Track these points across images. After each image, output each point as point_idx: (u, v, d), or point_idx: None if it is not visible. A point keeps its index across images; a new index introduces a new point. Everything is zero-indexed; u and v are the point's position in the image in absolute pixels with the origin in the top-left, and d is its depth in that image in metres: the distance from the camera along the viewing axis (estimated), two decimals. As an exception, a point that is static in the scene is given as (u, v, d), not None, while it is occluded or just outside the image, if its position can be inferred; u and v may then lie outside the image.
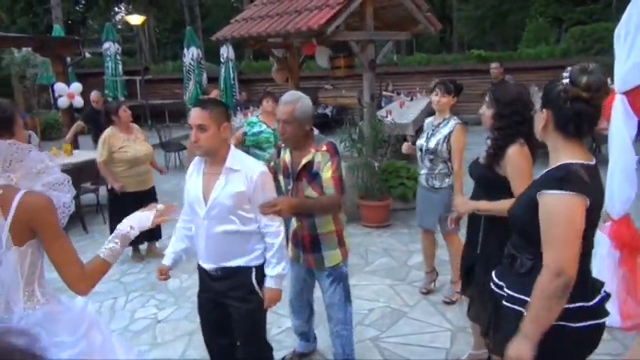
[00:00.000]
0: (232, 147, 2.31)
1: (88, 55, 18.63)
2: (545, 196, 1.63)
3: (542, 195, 1.64)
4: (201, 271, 2.47)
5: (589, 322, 1.67)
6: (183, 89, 14.49)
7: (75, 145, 8.44)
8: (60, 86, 9.01)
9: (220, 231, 2.27)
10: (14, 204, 1.59)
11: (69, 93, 9.05)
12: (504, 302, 1.83)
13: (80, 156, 6.84)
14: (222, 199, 2.23)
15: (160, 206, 1.94)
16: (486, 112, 2.59)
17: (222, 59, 14.05)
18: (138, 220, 1.86)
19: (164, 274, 2.50)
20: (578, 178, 1.60)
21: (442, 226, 3.86)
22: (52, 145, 8.38)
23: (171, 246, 2.56)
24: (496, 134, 2.51)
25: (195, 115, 2.16)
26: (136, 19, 14.09)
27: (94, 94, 7.50)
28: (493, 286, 1.95)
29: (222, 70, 14.07)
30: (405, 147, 4.06)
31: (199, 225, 2.33)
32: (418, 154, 3.88)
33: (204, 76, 14.34)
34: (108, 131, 4.81)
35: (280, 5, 5.79)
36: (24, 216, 1.60)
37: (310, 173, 2.58)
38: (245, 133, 4.87)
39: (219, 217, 2.26)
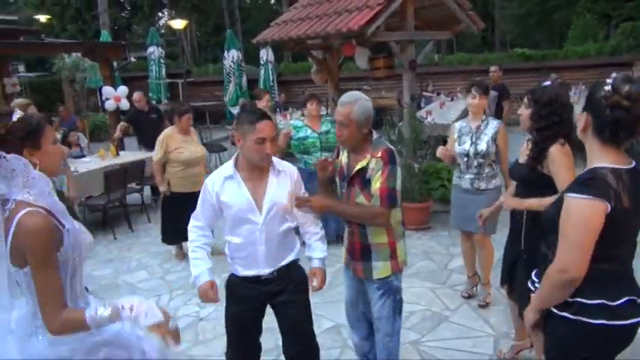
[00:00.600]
0: None
1: (133, 59, 19.29)
2: (567, 199, 1.70)
3: (565, 197, 1.71)
4: (246, 280, 2.41)
5: (609, 322, 1.71)
6: (223, 91, 14.77)
7: (121, 146, 8.74)
8: (107, 90, 9.34)
9: (279, 232, 2.39)
10: (14, 223, 1.53)
11: (115, 96, 9.36)
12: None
13: (125, 157, 7.06)
14: (279, 200, 2.33)
15: (173, 325, 1.69)
16: (524, 113, 2.63)
17: (261, 61, 14.25)
18: (144, 309, 1.60)
19: (213, 290, 2.36)
20: (602, 183, 1.65)
21: (488, 229, 3.76)
22: (100, 146, 8.70)
23: (204, 263, 2.41)
24: (535, 135, 2.58)
25: (268, 127, 2.25)
26: (178, 24, 14.47)
27: (136, 95, 7.74)
28: (530, 285, 2.03)
29: (262, 72, 14.27)
30: (441, 151, 3.95)
31: (253, 232, 2.33)
32: (464, 159, 3.75)
33: (244, 78, 14.58)
34: (167, 131, 4.89)
35: (320, 7, 5.82)
36: (18, 235, 1.53)
37: (363, 180, 2.41)
38: (290, 138, 4.93)
39: (277, 219, 2.36)
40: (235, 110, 12.33)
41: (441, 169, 6.23)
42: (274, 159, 2.39)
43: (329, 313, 3.84)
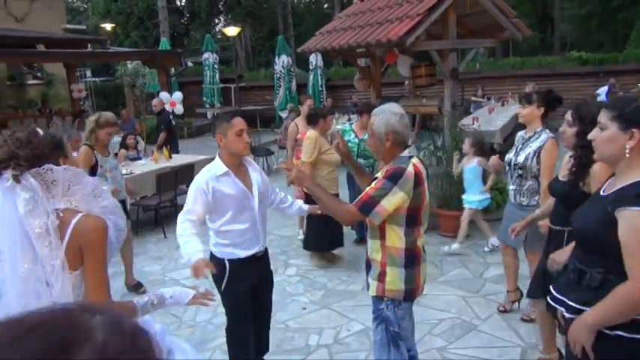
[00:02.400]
0: None
1: (190, 64, 20.10)
2: (628, 213, 1.64)
3: (624, 211, 1.65)
4: (247, 260, 2.79)
5: None
6: (273, 95, 15.16)
7: (175, 149, 9.21)
8: (164, 95, 9.87)
9: (264, 213, 2.89)
10: (71, 227, 1.60)
11: (171, 101, 9.88)
12: (568, 314, 1.84)
13: (177, 160, 7.46)
14: (261, 186, 2.83)
15: (202, 289, 1.93)
16: (568, 130, 2.61)
17: (311, 66, 14.52)
18: (179, 294, 1.85)
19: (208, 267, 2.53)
20: None
21: (527, 244, 3.66)
22: (154, 148, 9.19)
23: (198, 245, 2.57)
24: (580, 152, 2.53)
25: (242, 121, 2.71)
26: (232, 31, 14.99)
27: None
28: (550, 300, 1.97)
29: (311, 77, 14.55)
30: (493, 161, 3.95)
31: (253, 216, 2.77)
32: (506, 168, 3.75)
33: (294, 83, 14.92)
34: (315, 133, 4.85)
35: (362, 17, 5.95)
36: (78, 238, 1.60)
37: None
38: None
39: (262, 203, 2.85)
40: (284, 114, 12.63)
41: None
42: (247, 158, 2.86)
43: (360, 317, 3.95)
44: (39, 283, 1.64)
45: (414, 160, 2.34)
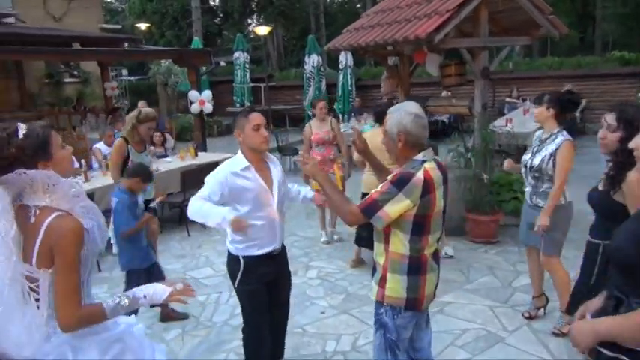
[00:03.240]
0: None
1: (222, 63, 20.27)
2: None
3: None
4: (263, 258, 2.78)
5: None
6: (303, 95, 15.10)
7: (202, 147, 9.25)
8: (193, 93, 9.91)
9: (283, 211, 2.89)
10: (44, 226, 1.62)
11: (200, 100, 9.91)
12: (601, 348, 1.64)
13: (203, 158, 7.47)
14: (281, 184, 2.82)
15: (179, 285, 1.86)
16: (609, 136, 2.44)
17: (340, 66, 14.39)
18: (153, 292, 1.80)
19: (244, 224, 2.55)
20: None
21: (546, 249, 3.53)
22: (184, 146, 9.25)
23: (219, 207, 2.59)
24: (620, 157, 2.36)
25: (259, 116, 2.75)
26: (262, 30, 15.01)
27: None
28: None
29: (341, 76, 14.40)
30: (507, 165, 3.82)
31: (268, 214, 2.75)
32: (522, 170, 3.64)
33: (324, 82, 14.80)
34: (376, 131, 4.65)
35: (390, 14, 5.78)
36: (49, 239, 1.61)
37: None
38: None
39: (281, 201, 2.84)
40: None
41: (513, 180, 5.93)
42: (269, 155, 2.86)
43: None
44: (15, 277, 1.63)
45: (428, 164, 2.18)
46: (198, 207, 2.61)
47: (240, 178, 2.68)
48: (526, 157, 3.60)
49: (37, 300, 1.68)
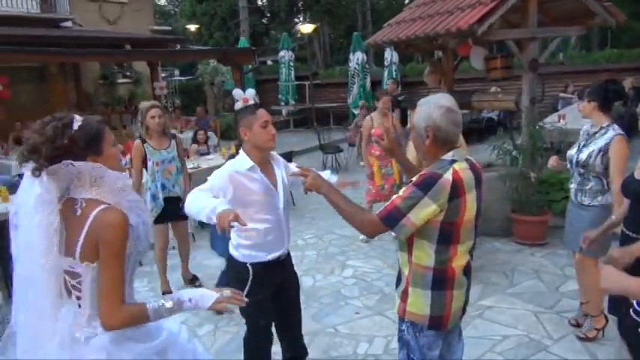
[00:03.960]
0: None
1: (269, 62, 20.48)
2: None
3: None
4: (271, 264, 2.62)
5: None
6: (347, 93, 15.00)
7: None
8: (237, 92, 10.01)
9: (288, 212, 2.71)
10: (90, 219, 1.59)
11: (244, 98, 9.99)
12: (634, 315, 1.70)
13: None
14: (286, 185, 2.66)
15: (226, 292, 1.79)
16: None
17: (386, 63, 14.19)
18: (200, 296, 1.74)
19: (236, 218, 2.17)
20: None
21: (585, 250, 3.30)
22: (228, 144, 9.37)
23: (214, 200, 2.33)
24: None
25: (266, 113, 2.57)
26: (307, 28, 15.01)
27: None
28: (633, 314, 1.81)
29: (386, 73, 14.20)
30: (552, 162, 3.56)
31: (279, 215, 2.61)
32: (568, 165, 3.42)
33: (368, 79, 14.66)
34: None
35: (433, 6, 5.59)
36: (95, 231, 1.59)
37: None
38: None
39: (287, 202, 2.69)
40: (357, 112, 12.42)
41: (564, 179, 5.60)
42: (273, 154, 2.68)
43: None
44: (39, 271, 1.61)
45: (458, 165, 1.94)
46: (192, 197, 2.36)
47: (245, 178, 2.49)
48: (572, 152, 3.37)
49: (79, 298, 1.66)
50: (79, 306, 1.66)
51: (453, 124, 1.97)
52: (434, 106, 1.98)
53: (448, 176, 1.88)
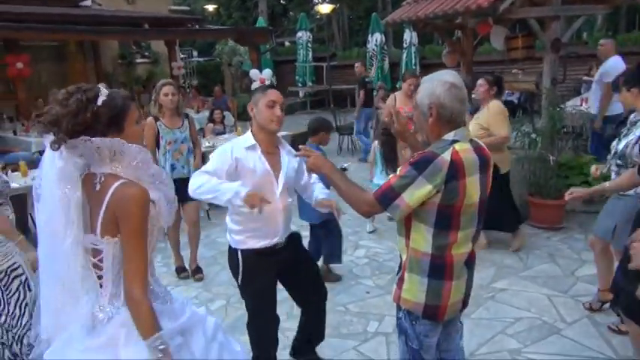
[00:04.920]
0: None
1: (287, 43, 20.32)
2: None
3: None
4: (263, 253, 2.53)
5: None
6: (365, 74, 14.81)
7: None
8: (254, 72, 10.00)
9: (288, 203, 2.59)
10: (109, 193, 1.57)
11: (260, 78, 9.97)
12: None
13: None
14: (290, 174, 2.57)
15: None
16: None
17: (404, 44, 13.96)
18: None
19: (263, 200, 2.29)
20: None
21: (615, 240, 3.20)
22: (244, 124, 9.37)
23: (230, 183, 2.36)
24: None
25: (277, 93, 2.51)
26: (325, 8, 14.82)
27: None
28: None
29: (404, 55, 13.98)
30: (594, 172, 3.41)
31: (273, 202, 2.44)
32: (609, 156, 3.30)
33: (387, 61, 14.45)
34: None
35: (453, -17, 5.45)
36: (114, 205, 1.56)
37: None
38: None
39: (288, 191, 2.59)
40: (374, 94, 12.29)
41: (584, 163, 5.48)
42: (283, 141, 2.64)
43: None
44: (65, 246, 1.61)
45: (459, 145, 1.84)
46: (203, 181, 2.36)
47: (244, 156, 2.44)
48: (614, 142, 3.24)
49: (100, 278, 1.65)
50: (100, 286, 1.66)
51: (457, 101, 1.88)
52: (437, 82, 1.90)
53: (446, 156, 1.80)
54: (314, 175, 2.70)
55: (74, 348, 1.62)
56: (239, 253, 2.55)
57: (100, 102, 1.59)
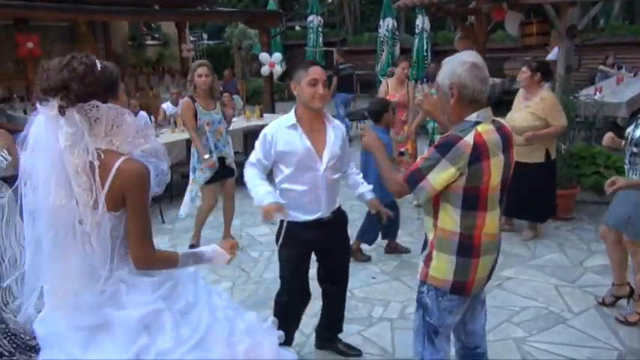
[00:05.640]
0: None
1: (297, 27, 20.16)
2: None
3: None
4: (307, 225, 2.57)
5: None
6: (375, 60, 14.67)
7: (272, 109, 9.31)
8: (264, 56, 9.92)
9: (334, 179, 2.61)
10: (114, 169, 1.58)
11: (270, 62, 9.90)
12: None
13: (267, 119, 7.47)
14: (335, 151, 2.56)
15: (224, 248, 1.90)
16: None
17: (416, 29, 13.76)
18: (218, 255, 1.85)
19: (280, 210, 2.45)
20: None
21: (628, 230, 3.15)
22: (252, 108, 9.33)
23: (268, 187, 2.50)
24: None
25: (320, 71, 2.50)
26: (337, -8, 14.62)
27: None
28: None
29: (416, 40, 13.79)
30: (607, 139, 3.35)
31: (316, 179, 2.53)
32: (623, 143, 3.23)
33: (398, 47, 14.25)
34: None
35: (468, -34, 5.34)
36: (120, 183, 1.59)
37: None
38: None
39: (333, 168, 2.60)
40: (385, 78, 12.19)
41: (597, 153, 5.42)
42: (328, 115, 2.63)
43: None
44: (71, 219, 1.62)
45: (482, 127, 1.86)
46: (249, 177, 2.56)
47: (286, 136, 2.50)
48: (629, 128, 3.18)
49: (94, 252, 1.65)
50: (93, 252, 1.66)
51: (479, 81, 1.88)
52: (458, 63, 1.90)
53: (469, 139, 1.82)
54: (352, 165, 2.84)
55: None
56: (283, 221, 2.61)
57: (99, 68, 1.63)
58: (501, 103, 10.16)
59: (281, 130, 2.52)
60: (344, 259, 2.90)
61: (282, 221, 2.63)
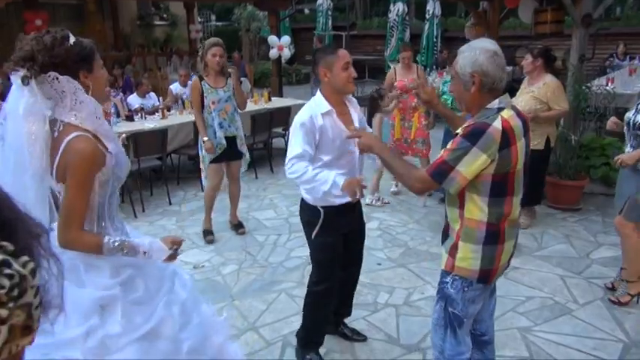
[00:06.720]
0: None
1: (307, 11, 19.96)
2: None
3: None
4: (342, 209, 2.53)
5: None
6: (385, 45, 14.54)
7: (279, 92, 9.26)
8: (272, 39, 9.83)
9: (362, 157, 2.60)
10: (64, 143, 1.63)
11: (279, 45, 9.82)
12: None
13: (276, 103, 7.45)
14: (362, 127, 2.53)
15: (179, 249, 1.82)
16: None
17: (427, 15, 13.61)
18: (154, 252, 1.73)
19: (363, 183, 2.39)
20: None
21: (627, 213, 3.19)
22: (260, 91, 9.29)
23: (326, 172, 2.41)
24: None
25: (347, 52, 2.48)
26: (348, -25, 14.44)
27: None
28: None
29: (426, 26, 13.66)
30: (611, 123, 3.40)
31: (353, 161, 2.55)
32: (625, 128, 3.24)
33: (408, 32, 14.12)
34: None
35: (483, -49, 5.24)
36: (66, 156, 1.62)
37: None
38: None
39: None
40: (393, 64, 12.09)
41: (607, 144, 5.36)
42: (350, 97, 2.61)
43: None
44: (27, 178, 1.66)
45: (505, 112, 1.84)
46: (300, 171, 2.40)
47: (322, 123, 2.44)
48: (629, 113, 3.18)
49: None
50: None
51: (500, 69, 1.88)
52: (480, 51, 1.88)
53: (497, 125, 1.80)
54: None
55: None
56: (320, 208, 2.54)
57: (71, 41, 1.66)
58: (512, 91, 10.10)
59: (319, 117, 2.45)
60: (361, 242, 2.91)
61: (316, 209, 2.56)
